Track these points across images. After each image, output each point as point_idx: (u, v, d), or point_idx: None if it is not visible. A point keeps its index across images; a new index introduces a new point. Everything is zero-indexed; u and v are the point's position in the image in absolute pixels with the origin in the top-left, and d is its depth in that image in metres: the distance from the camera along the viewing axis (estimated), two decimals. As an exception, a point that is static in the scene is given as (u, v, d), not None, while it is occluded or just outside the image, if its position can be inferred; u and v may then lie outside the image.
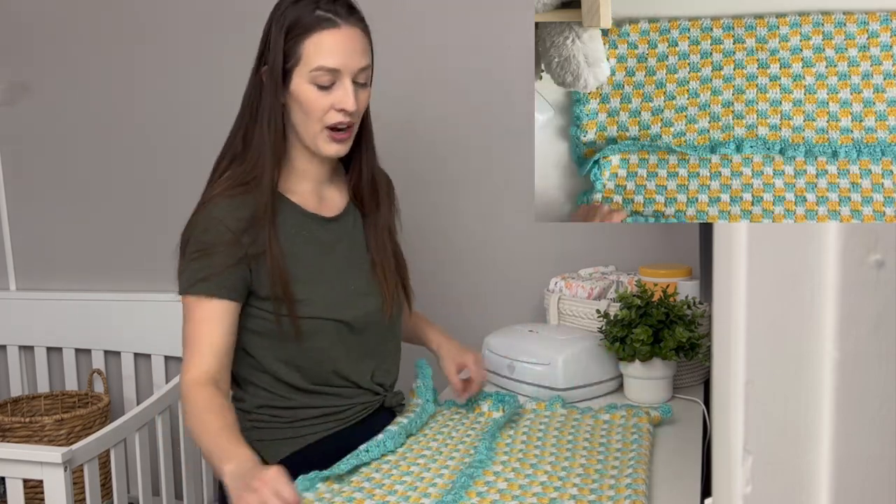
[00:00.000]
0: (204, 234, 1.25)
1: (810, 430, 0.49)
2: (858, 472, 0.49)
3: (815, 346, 0.49)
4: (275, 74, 1.26)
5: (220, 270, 1.24)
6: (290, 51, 1.25)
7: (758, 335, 0.50)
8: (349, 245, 1.38)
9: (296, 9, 1.25)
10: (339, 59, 1.25)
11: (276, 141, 1.28)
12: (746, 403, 0.51)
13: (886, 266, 0.48)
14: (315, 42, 1.24)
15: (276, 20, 1.27)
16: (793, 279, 0.49)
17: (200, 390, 1.19)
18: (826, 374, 0.48)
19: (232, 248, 1.25)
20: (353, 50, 1.26)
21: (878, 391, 0.48)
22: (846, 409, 0.48)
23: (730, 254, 0.51)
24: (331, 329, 1.31)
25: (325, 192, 1.38)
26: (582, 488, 1.09)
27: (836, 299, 0.48)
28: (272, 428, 1.33)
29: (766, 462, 0.51)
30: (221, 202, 1.27)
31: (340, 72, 1.25)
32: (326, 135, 1.29)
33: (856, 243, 0.47)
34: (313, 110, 1.26)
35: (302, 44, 1.24)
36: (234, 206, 1.26)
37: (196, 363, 1.22)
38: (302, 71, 1.25)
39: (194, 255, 1.25)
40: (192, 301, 1.24)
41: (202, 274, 1.23)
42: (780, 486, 0.51)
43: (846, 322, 0.48)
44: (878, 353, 0.48)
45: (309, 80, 1.25)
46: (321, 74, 1.25)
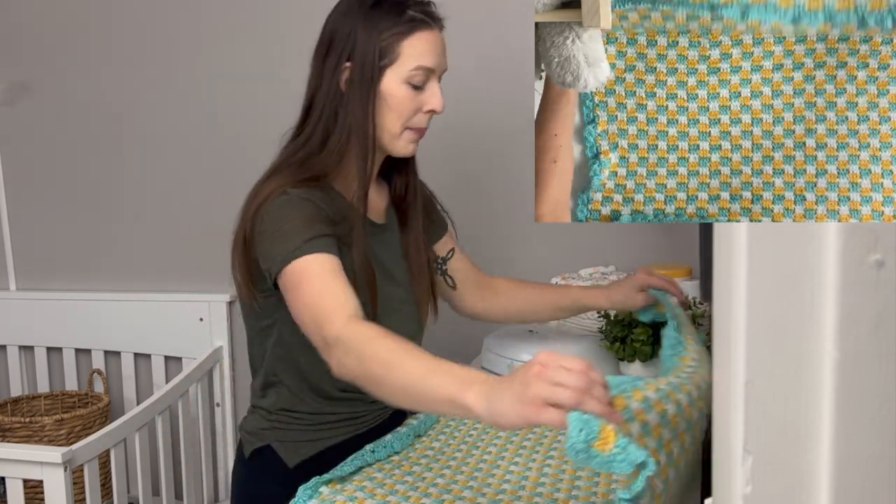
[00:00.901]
0: (293, 206, 1.19)
1: (810, 430, 0.49)
2: (858, 472, 0.49)
3: (815, 346, 0.49)
4: (367, 72, 1.24)
5: (324, 228, 1.18)
6: (386, 50, 1.24)
7: (758, 335, 0.50)
8: (390, 253, 1.37)
9: (381, 9, 1.25)
10: (435, 60, 1.27)
11: (371, 138, 1.26)
12: (746, 403, 0.51)
13: (886, 266, 0.48)
14: (414, 42, 1.25)
15: (359, 19, 1.25)
16: (793, 279, 0.49)
17: (363, 326, 1.05)
18: (826, 374, 0.48)
19: (326, 218, 1.20)
20: (443, 51, 1.29)
21: (878, 391, 0.48)
22: (846, 409, 0.48)
23: (730, 254, 0.51)
24: None
25: (370, 195, 1.35)
26: (590, 486, 1.09)
27: (836, 299, 0.48)
28: (292, 430, 1.31)
29: (766, 462, 0.51)
30: (299, 188, 1.22)
31: (434, 72, 1.28)
32: (408, 134, 1.29)
33: (856, 243, 0.47)
34: (404, 110, 1.26)
35: (400, 43, 1.24)
36: (315, 195, 1.23)
37: (343, 308, 1.08)
38: (398, 70, 1.25)
39: (287, 224, 1.18)
40: (308, 261, 1.14)
41: (308, 233, 1.16)
42: (780, 486, 0.51)
43: (846, 322, 0.48)
44: (878, 353, 0.48)
45: (405, 79, 1.25)
46: (418, 74, 1.25)
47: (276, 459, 1.31)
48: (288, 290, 1.17)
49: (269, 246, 1.19)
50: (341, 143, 1.26)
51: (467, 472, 1.18)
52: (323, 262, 1.15)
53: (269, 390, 1.33)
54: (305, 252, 1.15)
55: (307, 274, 1.14)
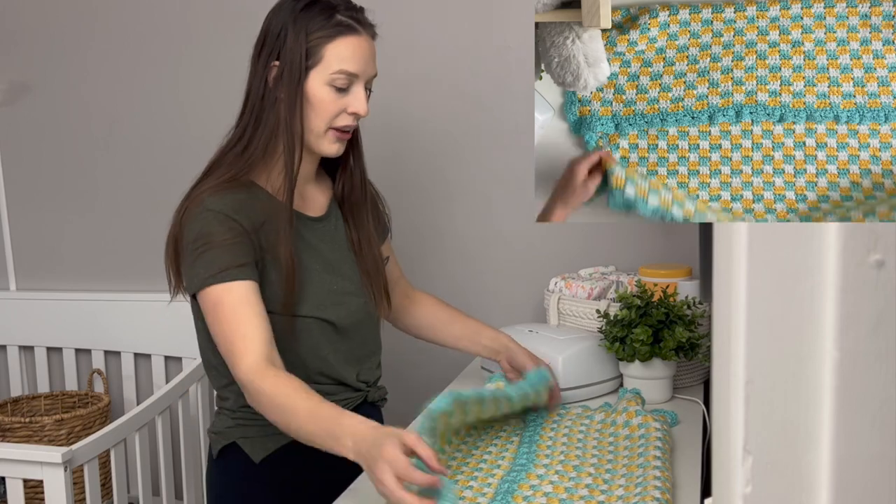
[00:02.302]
0: (212, 226, 1.23)
1: (810, 430, 0.49)
2: (858, 472, 0.49)
3: (815, 346, 0.49)
4: (294, 72, 1.27)
5: (239, 255, 1.23)
6: (311, 51, 1.27)
7: (758, 335, 0.50)
8: (331, 246, 1.40)
9: (312, 11, 1.27)
10: (359, 65, 1.29)
11: (298, 135, 1.30)
12: (746, 403, 0.51)
13: (886, 266, 0.47)
14: (338, 46, 1.28)
15: (290, 19, 1.28)
16: (793, 279, 0.49)
17: (266, 378, 1.15)
18: (826, 374, 0.48)
19: (245, 238, 1.24)
20: (370, 57, 1.32)
21: (878, 391, 0.48)
22: (846, 409, 0.48)
23: (730, 254, 0.51)
24: (316, 328, 1.32)
25: (307, 191, 1.40)
26: (627, 486, 1.09)
27: (836, 299, 0.48)
28: (257, 426, 1.33)
29: (766, 462, 0.51)
30: (218, 197, 1.26)
31: (358, 77, 1.30)
32: (332, 134, 1.32)
33: (856, 243, 0.47)
34: (326, 111, 1.30)
35: (324, 46, 1.27)
36: (236, 200, 1.26)
37: (248, 351, 1.18)
38: (321, 72, 1.28)
39: (204, 246, 1.23)
40: (220, 290, 1.21)
41: (223, 262, 1.21)
42: (780, 486, 0.51)
43: (846, 321, 0.48)
44: (878, 353, 0.48)
45: (327, 81, 1.28)
46: (340, 78, 1.28)
47: (242, 456, 1.34)
48: (205, 312, 1.24)
49: (188, 266, 1.25)
50: (265, 140, 1.29)
51: (467, 471, 1.18)
52: (234, 293, 1.21)
53: (228, 390, 1.35)
54: (219, 280, 1.21)
55: (220, 304, 1.21)
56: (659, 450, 1.18)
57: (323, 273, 1.36)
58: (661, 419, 1.31)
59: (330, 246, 1.39)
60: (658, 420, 1.28)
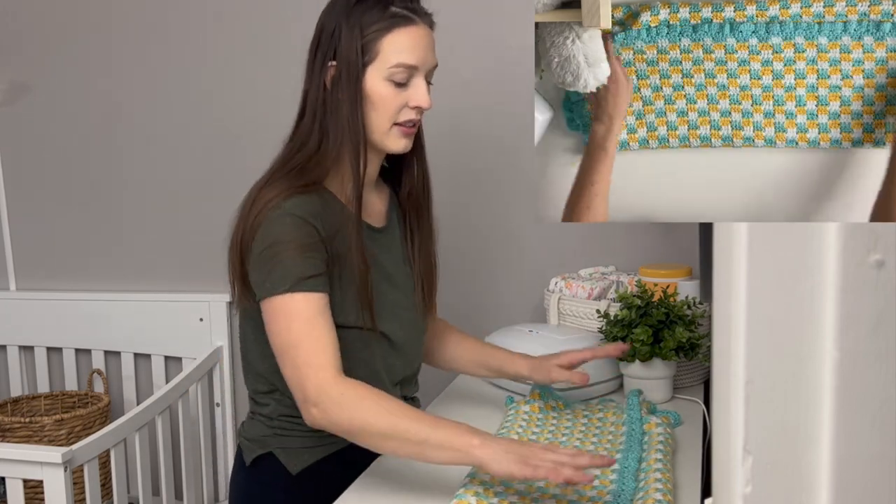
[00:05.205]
0: (291, 231, 1.19)
1: (810, 430, 0.49)
2: (858, 472, 0.49)
3: (814, 346, 0.49)
4: (352, 70, 1.22)
5: (319, 264, 1.19)
6: (367, 47, 1.22)
7: (758, 335, 0.50)
8: (389, 257, 1.36)
9: (366, 4, 1.23)
10: (417, 56, 1.24)
11: (362, 137, 1.24)
12: (746, 403, 0.51)
13: (886, 266, 0.47)
14: (394, 39, 1.22)
15: (343, 16, 1.23)
16: (793, 279, 0.49)
17: (350, 386, 1.13)
18: (826, 374, 0.48)
19: (322, 246, 1.21)
20: (429, 47, 1.26)
21: (878, 391, 0.48)
22: (846, 409, 0.48)
23: (730, 254, 0.51)
24: (372, 341, 1.28)
25: (368, 199, 1.34)
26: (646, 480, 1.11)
27: (836, 299, 0.48)
28: (295, 436, 1.29)
29: (766, 462, 0.51)
30: (298, 200, 1.21)
31: (418, 69, 1.24)
32: (397, 130, 1.26)
33: (856, 243, 0.47)
34: (387, 108, 1.24)
35: (380, 40, 1.22)
36: (314, 206, 1.22)
37: (326, 361, 1.14)
38: (378, 67, 1.23)
39: (284, 252, 1.18)
40: (298, 299, 1.16)
41: (302, 270, 1.17)
42: (780, 486, 0.51)
43: (846, 322, 0.48)
44: (878, 353, 0.48)
45: (386, 76, 1.23)
46: (399, 71, 1.23)
47: (278, 467, 1.29)
48: (270, 319, 1.19)
49: (260, 268, 1.19)
50: (335, 146, 1.24)
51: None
52: (311, 304, 1.17)
53: (269, 397, 1.31)
54: (298, 290, 1.16)
55: (296, 314, 1.16)
56: (661, 452, 1.18)
57: (382, 283, 1.31)
58: (664, 420, 1.31)
59: (388, 257, 1.35)
60: (662, 423, 1.28)
